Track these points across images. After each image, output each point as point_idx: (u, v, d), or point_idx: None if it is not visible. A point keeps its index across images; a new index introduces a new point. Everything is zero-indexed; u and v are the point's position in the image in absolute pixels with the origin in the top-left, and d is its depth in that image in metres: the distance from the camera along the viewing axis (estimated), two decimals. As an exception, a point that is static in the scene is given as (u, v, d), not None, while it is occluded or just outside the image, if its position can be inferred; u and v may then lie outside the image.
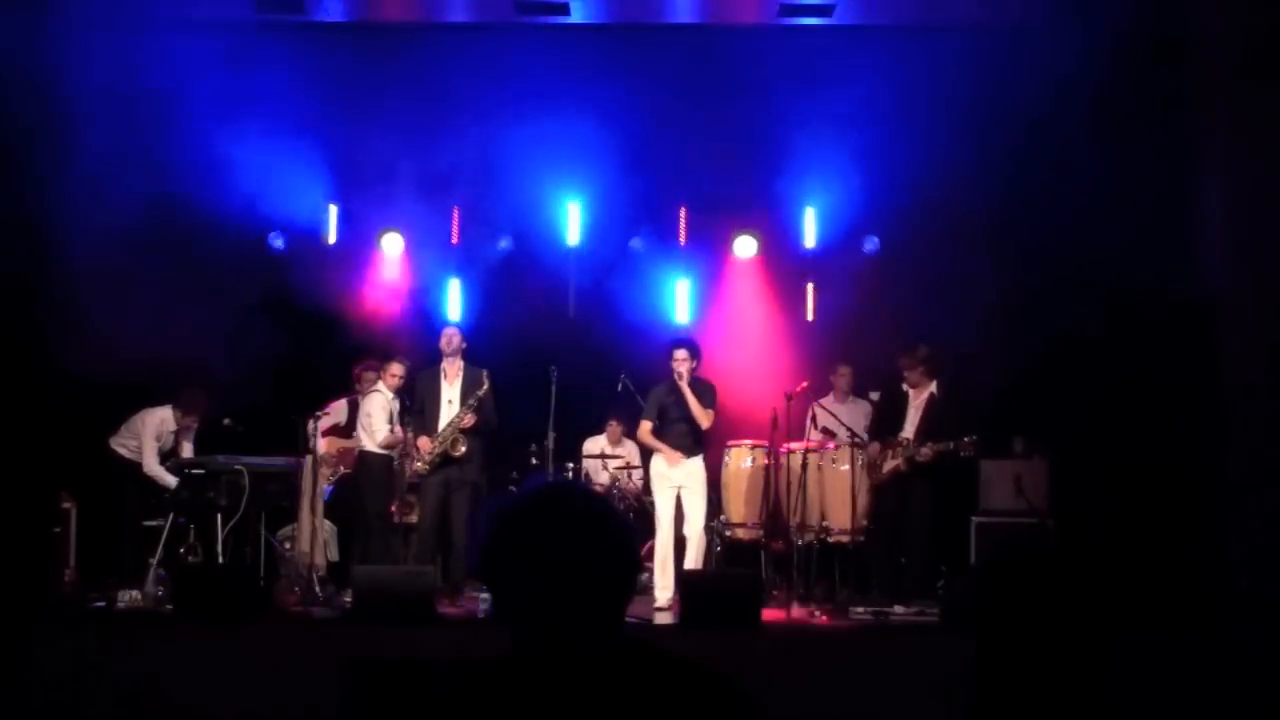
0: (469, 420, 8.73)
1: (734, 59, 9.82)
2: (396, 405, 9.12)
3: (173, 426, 9.03)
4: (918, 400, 8.62)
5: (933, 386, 8.61)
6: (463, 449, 8.70)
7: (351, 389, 9.52)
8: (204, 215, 9.81)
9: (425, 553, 8.62)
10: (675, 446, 8.67)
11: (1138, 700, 6.11)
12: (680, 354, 8.61)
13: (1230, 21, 8.34)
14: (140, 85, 9.43)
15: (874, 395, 9.48)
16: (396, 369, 9.11)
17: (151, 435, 8.92)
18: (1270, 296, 8.24)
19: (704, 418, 8.62)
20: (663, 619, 8.00)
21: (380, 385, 9.15)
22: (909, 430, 8.59)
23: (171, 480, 8.83)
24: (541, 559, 1.88)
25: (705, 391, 8.69)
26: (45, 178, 9.35)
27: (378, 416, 9.03)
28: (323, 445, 9.03)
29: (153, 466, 8.87)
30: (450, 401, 8.85)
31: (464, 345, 9.00)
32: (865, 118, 9.74)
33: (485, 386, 8.78)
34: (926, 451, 8.36)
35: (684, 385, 8.57)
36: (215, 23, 9.71)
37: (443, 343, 8.96)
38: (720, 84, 9.83)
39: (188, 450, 9.11)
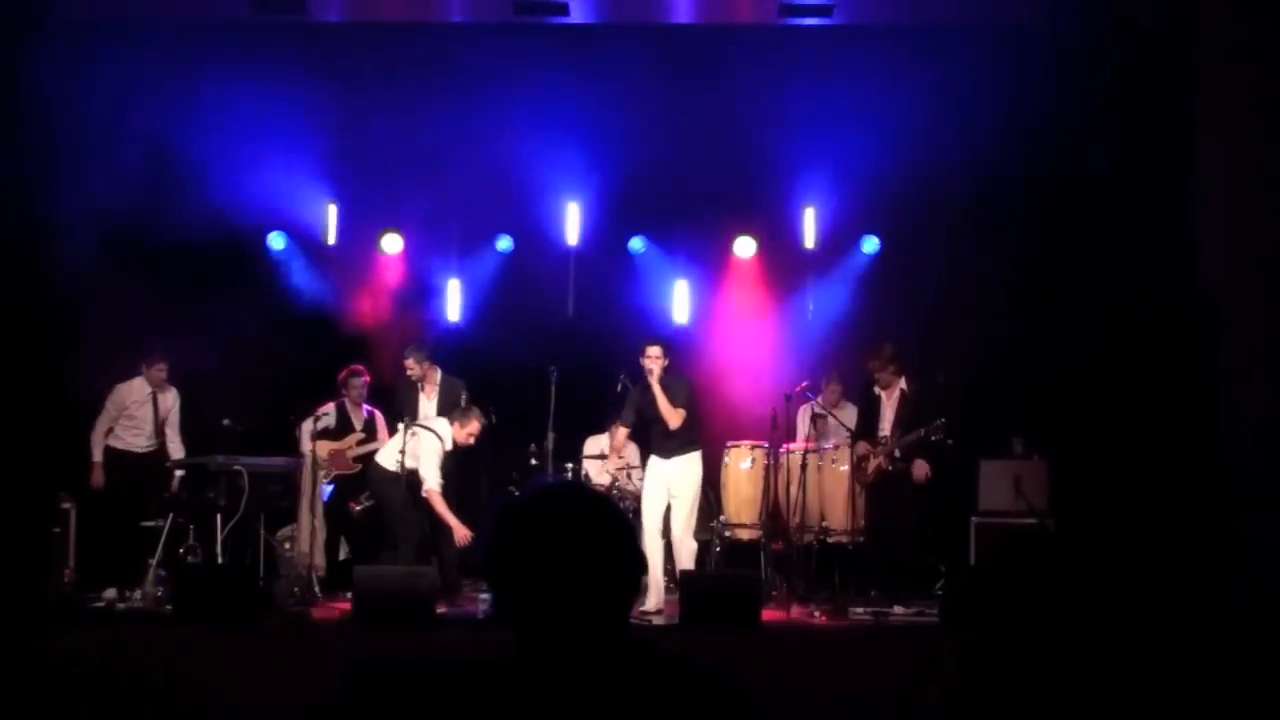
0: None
1: (734, 59, 9.83)
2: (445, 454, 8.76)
3: (148, 389, 9.11)
4: (890, 399, 8.65)
5: (902, 383, 8.62)
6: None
7: (338, 393, 9.47)
8: (203, 216, 9.81)
9: (424, 553, 8.62)
10: (655, 449, 8.44)
11: (1138, 700, 6.12)
12: (653, 351, 8.29)
13: (1232, 16, 8.35)
14: (139, 86, 9.45)
15: None
16: (476, 426, 8.68)
17: (112, 406, 9.07)
18: (1270, 296, 8.25)
19: (672, 417, 8.23)
20: (657, 622, 7.94)
21: (444, 434, 8.60)
22: (886, 429, 8.61)
23: (98, 455, 9.00)
24: (544, 560, 1.88)
25: (677, 389, 8.33)
26: (42, 178, 9.35)
27: (431, 464, 8.58)
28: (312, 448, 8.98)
29: (96, 435, 9.06)
30: (426, 416, 8.89)
31: (425, 363, 9.02)
32: (865, 118, 9.74)
33: (462, 407, 8.79)
34: (893, 445, 8.40)
35: (654, 382, 8.26)
36: (214, 23, 9.70)
37: (408, 372, 8.97)
38: (720, 84, 9.83)
39: (174, 416, 9.20)
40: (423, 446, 8.58)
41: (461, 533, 8.56)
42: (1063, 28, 9.22)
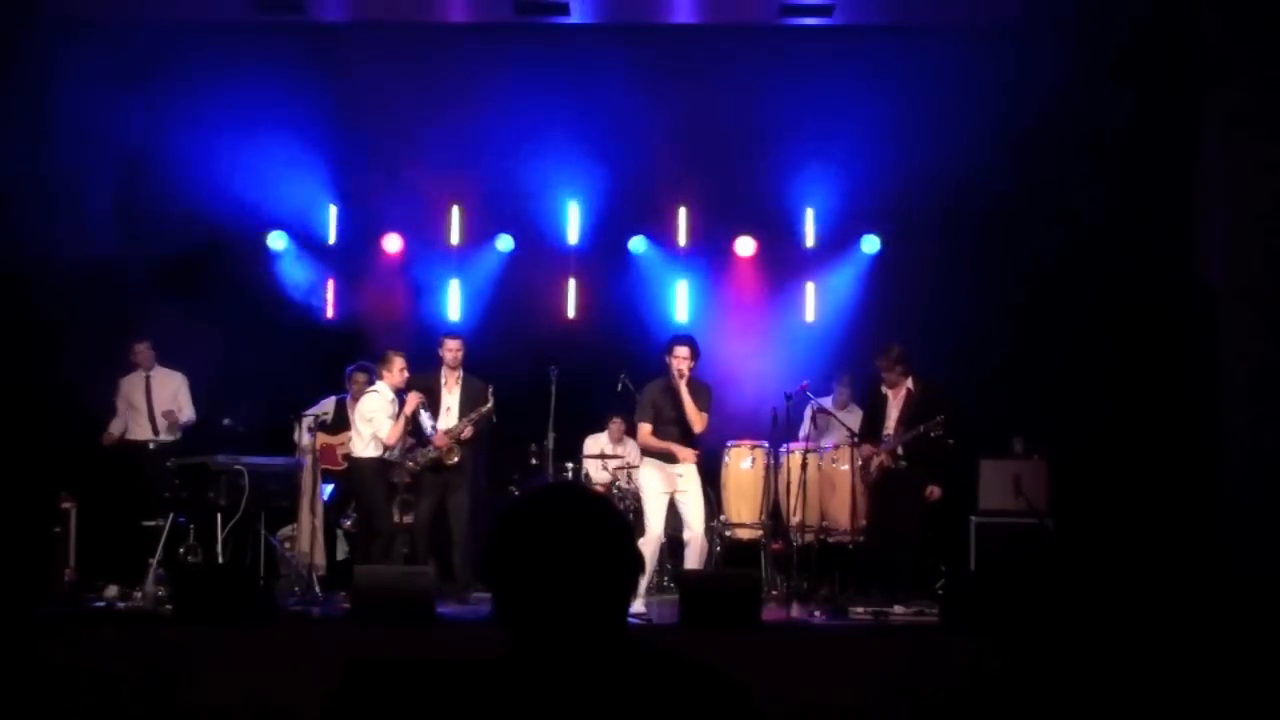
0: (468, 433, 8.72)
1: (734, 59, 9.83)
2: (398, 406, 8.77)
3: (142, 374, 9.33)
4: (896, 399, 8.64)
5: (909, 383, 8.62)
6: (455, 459, 8.69)
7: (342, 388, 9.46)
8: (203, 215, 9.81)
9: (422, 552, 8.62)
10: None
11: (1138, 698, 6.11)
12: (682, 351, 8.13)
13: (1231, 16, 8.36)
14: (139, 86, 9.45)
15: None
16: (400, 362, 8.76)
17: (120, 400, 9.32)
18: (1270, 296, 8.25)
19: (698, 420, 8.13)
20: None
21: (378, 385, 8.80)
22: (891, 428, 8.60)
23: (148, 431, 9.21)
24: (541, 561, 1.88)
25: (701, 393, 8.22)
26: (40, 177, 9.37)
27: (380, 418, 8.67)
28: (307, 442, 8.98)
29: (114, 425, 9.33)
30: (448, 409, 8.82)
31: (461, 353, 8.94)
32: (865, 117, 9.74)
33: (490, 404, 8.75)
34: (896, 442, 8.38)
35: (682, 385, 8.12)
36: (215, 23, 9.70)
37: (447, 356, 8.86)
38: (720, 84, 9.83)
39: (182, 400, 9.42)
40: (372, 411, 8.66)
41: (414, 400, 8.62)
42: (1062, 28, 9.23)
